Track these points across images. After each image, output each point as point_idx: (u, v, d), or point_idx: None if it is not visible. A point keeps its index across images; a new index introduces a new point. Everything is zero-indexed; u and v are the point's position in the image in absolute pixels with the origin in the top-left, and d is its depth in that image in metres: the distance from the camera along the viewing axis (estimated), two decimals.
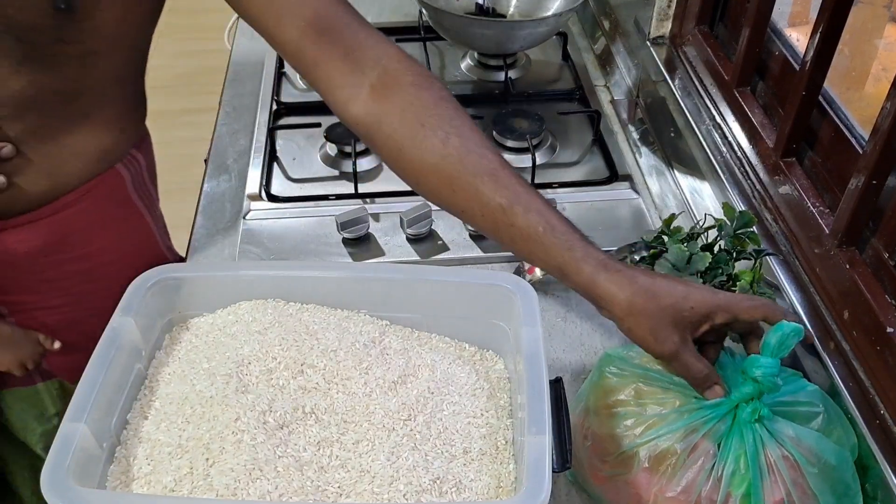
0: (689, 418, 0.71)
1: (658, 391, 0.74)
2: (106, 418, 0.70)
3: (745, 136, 1.06)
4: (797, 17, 1.11)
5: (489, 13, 1.44)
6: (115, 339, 0.72)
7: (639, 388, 0.75)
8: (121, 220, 0.96)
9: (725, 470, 0.69)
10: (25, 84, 0.77)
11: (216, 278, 0.82)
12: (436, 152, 0.73)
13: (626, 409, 0.74)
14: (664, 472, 0.71)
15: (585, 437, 0.77)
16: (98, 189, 0.91)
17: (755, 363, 0.69)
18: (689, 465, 0.70)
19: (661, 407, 0.73)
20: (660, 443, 0.71)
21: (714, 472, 0.70)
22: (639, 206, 1.16)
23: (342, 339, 0.78)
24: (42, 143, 0.83)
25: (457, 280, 0.81)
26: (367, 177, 1.21)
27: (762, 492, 0.69)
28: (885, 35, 1.05)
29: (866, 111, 0.88)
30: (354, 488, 0.68)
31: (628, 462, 0.73)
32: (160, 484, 0.67)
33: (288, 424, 0.71)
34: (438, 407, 0.74)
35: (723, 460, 0.70)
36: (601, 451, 0.75)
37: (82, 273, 0.89)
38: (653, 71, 1.29)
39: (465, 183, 0.72)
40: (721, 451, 0.70)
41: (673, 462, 0.70)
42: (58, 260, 0.91)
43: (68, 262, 0.92)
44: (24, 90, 0.78)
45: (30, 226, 0.87)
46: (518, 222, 0.70)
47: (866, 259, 0.84)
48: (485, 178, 0.71)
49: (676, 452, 0.70)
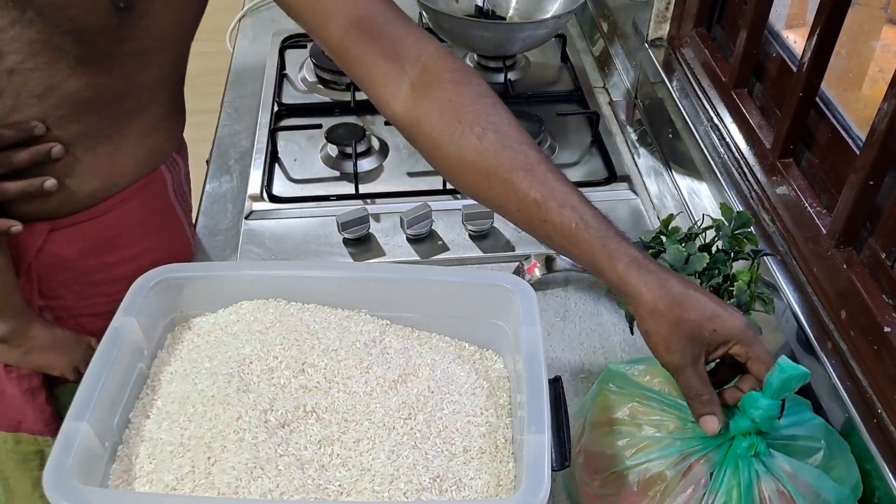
0: (683, 444, 0.70)
1: (655, 412, 0.73)
2: (108, 417, 0.70)
3: (743, 137, 1.06)
4: (794, 18, 1.11)
5: (489, 15, 1.45)
6: (117, 338, 0.73)
7: (635, 407, 0.73)
8: (162, 222, 0.97)
9: (716, 501, 0.67)
10: (83, 85, 0.78)
11: (218, 278, 0.83)
12: (472, 149, 0.73)
13: (620, 429, 0.73)
14: (653, 498, 0.69)
15: (579, 452, 0.76)
16: (144, 191, 0.92)
17: (754, 403, 0.66)
18: (678, 493, 0.68)
19: (657, 429, 0.72)
20: (651, 466, 0.69)
21: (704, 502, 0.68)
22: (637, 207, 1.17)
23: (343, 339, 0.78)
24: (96, 144, 0.84)
25: (457, 280, 0.82)
26: (367, 177, 1.21)
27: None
28: (882, 37, 1.05)
29: (863, 112, 0.89)
30: (355, 486, 0.68)
31: (618, 483, 0.71)
32: (162, 482, 0.67)
33: (289, 423, 0.71)
34: (438, 406, 0.74)
35: (714, 491, 0.68)
36: (593, 468, 0.74)
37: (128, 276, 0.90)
38: (651, 72, 1.29)
39: (501, 178, 0.72)
40: (713, 480, 0.68)
41: (662, 488, 0.69)
42: (106, 262, 0.91)
43: (116, 265, 0.92)
44: (80, 91, 0.79)
45: (80, 226, 0.87)
46: (552, 218, 0.70)
47: (863, 259, 0.84)
48: (520, 174, 0.71)
49: (667, 479, 0.69)
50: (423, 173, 1.22)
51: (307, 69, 1.44)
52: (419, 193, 1.17)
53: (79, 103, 0.80)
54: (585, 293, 1.04)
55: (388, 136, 1.29)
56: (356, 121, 1.31)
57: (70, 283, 0.91)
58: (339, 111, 1.34)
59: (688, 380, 0.68)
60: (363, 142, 1.24)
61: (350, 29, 0.76)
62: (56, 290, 0.91)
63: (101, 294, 0.93)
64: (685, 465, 0.69)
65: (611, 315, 1.01)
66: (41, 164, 0.80)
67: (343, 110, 1.34)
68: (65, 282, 0.91)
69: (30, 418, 0.96)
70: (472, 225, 1.10)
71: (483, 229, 1.10)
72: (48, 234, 0.85)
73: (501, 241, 1.11)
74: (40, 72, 0.76)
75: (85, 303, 0.93)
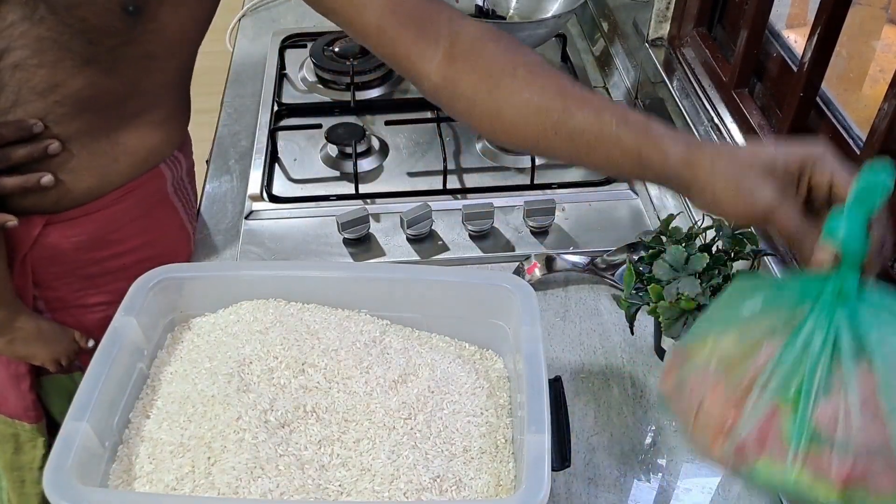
0: (761, 318, 0.57)
1: None
2: (108, 417, 0.70)
3: (743, 137, 1.06)
4: (795, 18, 1.11)
5: (489, 15, 1.45)
6: (117, 338, 0.73)
7: None
8: (159, 219, 0.99)
9: (779, 372, 0.55)
10: (86, 84, 0.80)
11: (218, 278, 0.83)
12: (509, 97, 0.73)
13: None
14: (720, 373, 0.57)
15: None
16: (142, 188, 0.93)
17: (832, 225, 0.54)
18: (746, 366, 0.56)
19: None
20: (722, 342, 0.58)
21: (767, 375, 0.55)
22: (637, 207, 1.17)
23: (343, 339, 0.78)
24: (94, 142, 0.85)
25: (457, 280, 0.82)
26: (367, 177, 1.21)
27: (812, 401, 0.53)
28: (882, 36, 1.05)
29: (864, 112, 0.89)
30: (355, 486, 0.68)
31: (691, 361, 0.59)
32: (162, 482, 0.67)
33: (289, 423, 0.71)
34: (438, 406, 0.74)
35: (781, 363, 0.55)
36: None
37: (121, 270, 0.92)
38: (651, 72, 1.29)
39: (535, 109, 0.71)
40: (784, 351, 0.55)
41: (733, 362, 0.57)
42: (100, 256, 0.93)
43: (109, 259, 0.94)
44: (83, 90, 0.80)
45: (76, 221, 0.89)
46: (591, 128, 0.68)
47: None
48: (557, 99, 0.70)
49: (738, 355, 0.56)
50: (423, 173, 1.22)
51: (307, 69, 1.44)
52: (419, 193, 1.17)
53: (80, 102, 0.80)
54: (585, 293, 1.05)
55: (388, 136, 1.29)
56: (356, 121, 1.31)
57: (64, 276, 0.92)
58: (338, 111, 1.34)
59: (786, 217, 0.59)
60: (363, 142, 1.24)
61: (384, 14, 0.77)
62: (50, 281, 0.92)
63: (93, 286, 0.94)
64: (756, 338, 0.57)
65: (611, 315, 1.01)
66: (39, 160, 0.81)
67: (343, 110, 1.34)
68: (59, 274, 0.92)
69: (10, 402, 0.98)
70: (472, 225, 1.10)
71: (483, 229, 1.10)
72: (43, 227, 0.87)
73: (501, 241, 1.11)
74: (45, 69, 0.77)
75: (78, 294, 0.94)
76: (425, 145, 1.28)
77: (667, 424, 0.88)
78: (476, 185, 1.20)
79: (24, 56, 0.76)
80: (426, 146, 1.28)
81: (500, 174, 1.23)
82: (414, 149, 1.28)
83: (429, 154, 1.26)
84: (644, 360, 0.95)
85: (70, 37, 0.76)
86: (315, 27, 1.52)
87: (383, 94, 1.39)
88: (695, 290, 0.84)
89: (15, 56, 0.75)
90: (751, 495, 0.82)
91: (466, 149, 1.27)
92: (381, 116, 1.32)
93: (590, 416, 0.89)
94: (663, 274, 0.86)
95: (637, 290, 0.89)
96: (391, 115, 1.31)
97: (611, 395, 0.92)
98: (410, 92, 1.40)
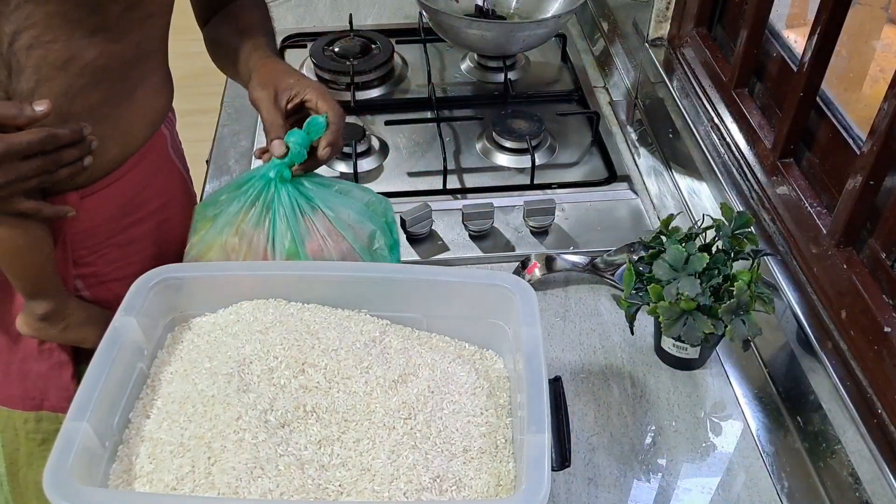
0: (245, 187, 0.87)
1: None
2: (108, 417, 0.70)
3: (743, 137, 1.06)
4: (795, 18, 1.11)
5: (489, 15, 1.45)
6: (117, 338, 0.73)
7: None
8: (167, 177, 1.02)
9: (276, 227, 0.85)
10: (98, 53, 0.82)
11: (218, 278, 0.83)
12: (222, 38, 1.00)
13: None
14: None
15: None
16: (151, 150, 0.97)
17: (290, 135, 0.86)
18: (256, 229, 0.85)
19: None
20: None
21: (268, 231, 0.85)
22: (637, 207, 1.17)
23: (343, 339, 0.78)
24: (114, 110, 0.88)
25: (457, 280, 0.82)
26: (367, 177, 1.21)
27: (305, 242, 0.85)
28: (882, 36, 1.05)
29: (864, 112, 0.89)
30: (355, 486, 0.68)
31: None
32: (162, 482, 0.67)
33: (289, 423, 0.71)
34: (438, 406, 0.74)
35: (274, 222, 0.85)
36: None
37: (146, 237, 0.97)
38: (651, 72, 1.30)
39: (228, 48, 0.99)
40: (273, 215, 0.86)
41: None
42: (127, 223, 0.96)
43: (135, 225, 0.97)
44: (97, 59, 0.82)
45: (106, 190, 0.91)
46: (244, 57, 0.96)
47: (864, 259, 0.84)
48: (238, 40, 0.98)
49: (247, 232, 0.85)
50: (423, 173, 1.22)
51: (307, 69, 1.43)
52: (419, 193, 1.17)
53: (97, 71, 0.83)
54: (585, 293, 1.05)
55: (388, 136, 1.29)
56: (356, 121, 1.31)
57: (98, 249, 0.95)
58: None
59: (269, 111, 0.88)
60: (363, 142, 1.24)
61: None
62: (86, 257, 0.94)
63: (126, 255, 0.97)
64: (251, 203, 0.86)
65: (611, 315, 1.01)
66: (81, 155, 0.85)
67: None
68: (93, 247, 0.94)
69: (53, 396, 0.99)
70: (472, 225, 1.10)
71: (483, 229, 1.10)
72: (80, 201, 0.89)
73: (501, 241, 1.11)
74: (60, 43, 0.78)
75: (112, 267, 0.97)
76: (425, 145, 1.28)
77: (667, 424, 0.88)
78: (476, 185, 1.20)
79: (37, 34, 0.77)
80: (426, 146, 1.28)
81: (499, 174, 1.23)
82: (414, 149, 1.28)
83: (429, 154, 1.26)
84: (644, 360, 0.95)
85: (77, 9, 0.77)
86: (315, 27, 1.52)
87: (383, 94, 1.39)
88: (695, 290, 0.84)
89: (27, 36, 0.77)
90: (751, 495, 0.82)
91: (466, 149, 1.27)
92: (381, 116, 1.32)
93: (590, 416, 0.89)
94: (663, 274, 0.86)
95: (637, 290, 0.89)
96: (391, 115, 1.31)
97: (611, 395, 0.92)
98: (410, 92, 1.40)
